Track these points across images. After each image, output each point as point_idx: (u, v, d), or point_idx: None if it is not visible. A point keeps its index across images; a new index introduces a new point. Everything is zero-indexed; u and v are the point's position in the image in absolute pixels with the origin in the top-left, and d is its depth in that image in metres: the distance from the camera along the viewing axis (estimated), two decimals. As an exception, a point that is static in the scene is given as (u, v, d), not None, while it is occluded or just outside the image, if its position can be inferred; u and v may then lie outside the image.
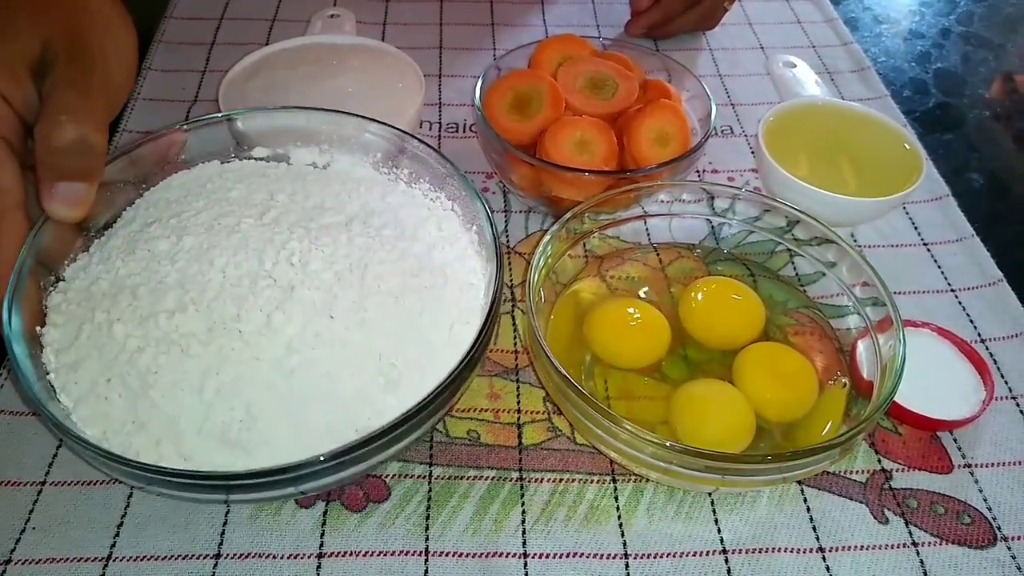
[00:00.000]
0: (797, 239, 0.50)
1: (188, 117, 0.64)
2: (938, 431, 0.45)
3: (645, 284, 0.51)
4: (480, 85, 0.56)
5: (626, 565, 0.40)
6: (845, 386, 0.44)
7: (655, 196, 0.51)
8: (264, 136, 0.49)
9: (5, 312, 0.36)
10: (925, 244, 0.57)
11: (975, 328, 0.51)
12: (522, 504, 0.42)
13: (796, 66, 0.70)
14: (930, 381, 0.46)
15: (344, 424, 0.34)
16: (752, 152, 0.64)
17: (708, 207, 0.52)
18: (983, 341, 0.50)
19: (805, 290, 0.50)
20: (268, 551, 0.39)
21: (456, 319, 0.41)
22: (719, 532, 0.41)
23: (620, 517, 0.41)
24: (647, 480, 0.43)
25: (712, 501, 0.42)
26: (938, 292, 0.53)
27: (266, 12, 0.75)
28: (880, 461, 0.44)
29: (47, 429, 0.43)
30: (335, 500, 0.41)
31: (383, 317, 0.39)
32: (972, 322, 0.51)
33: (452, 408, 0.45)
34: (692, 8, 0.72)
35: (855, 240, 0.57)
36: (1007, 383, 0.48)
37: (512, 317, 0.51)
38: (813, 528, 0.41)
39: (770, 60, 0.71)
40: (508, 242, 0.56)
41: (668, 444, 0.36)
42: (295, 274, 0.39)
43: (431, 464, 0.43)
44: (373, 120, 0.48)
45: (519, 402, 0.46)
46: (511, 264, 0.54)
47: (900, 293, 0.52)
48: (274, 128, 0.49)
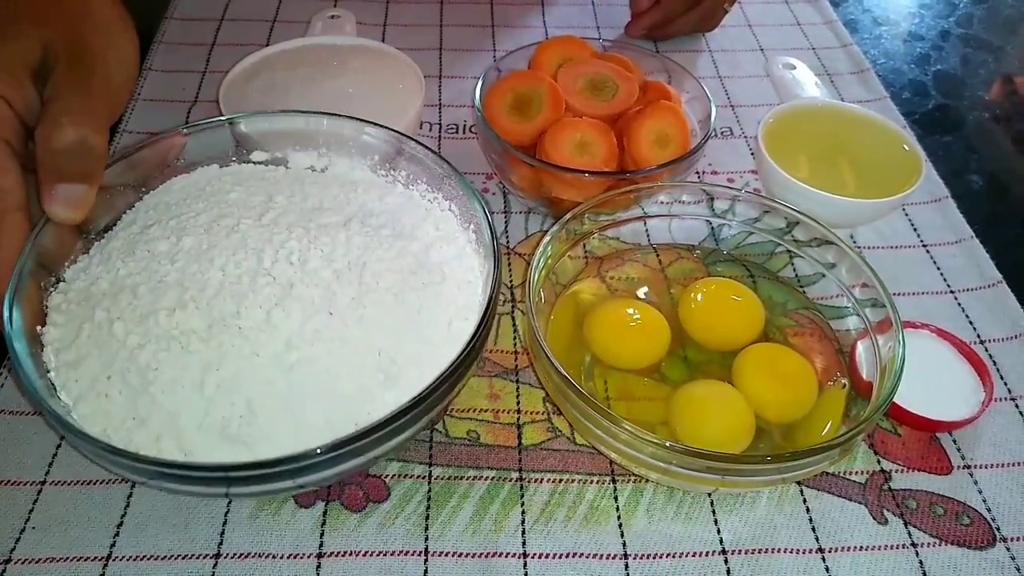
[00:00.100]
0: (797, 240, 0.50)
1: (188, 118, 0.64)
2: (937, 432, 0.45)
3: (645, 285, 0.51)
4: (480, 86, 0.56)
5: (625, 565, 0.40)
6: (845, 387, 0.44)
7: (655, 197, 0.51)
8: (263, 137, 0.49)
9: (6, 311, 0.36)
10: (924, 245, 0.57)
11: (974, 329, 0.51)
12: (522, 504, 0.42)
13: (796, 68, 0.70)
14: (929, 382, 0.46)
15: (343, 419, 0.34)
16: (752, 153, 0.64)
17: (708, 208, 0.52)
18: (982, 342, 0.50)
19: (805, 291, 0.50)
20: (268, 551, 0.39)
21: (454, 315, 0.41)
22: (719, 532, 0.41)
23: (620, 517, 0.41)
24: (647, 481, 0.43)
25: (712, 502, 0.42)
26: (937, 293, 0.53)
27: (266, 13, 0.75)
28: (879, 462, 0.44)
29: (48, 426, 0.43)
30: (335, 500, 0.41)
31: (381, 314, 0.39)
32: (971, 323, 0.51)
33: (451, 404, 0.45)
34: (692, 9, 0.72)
35: (855, 241, 0.57)
36: (1006, 384, 0.48)
37: (512, 318, 0.51)
38: (812, 529, 0.41)
39: (770, 62, 0.71)
40: (508, 243, 0.56)
41: (668, 444, 0.36)
42: (294, 272, 0.40)
43: (431, 464, 0.43)
44: (371, 123, 0.48)
45: (519, 402, 0.46)
46: (511, 265, 0.54)
47: (899, 294, 0.53)
48: (273, 131, 0.49)
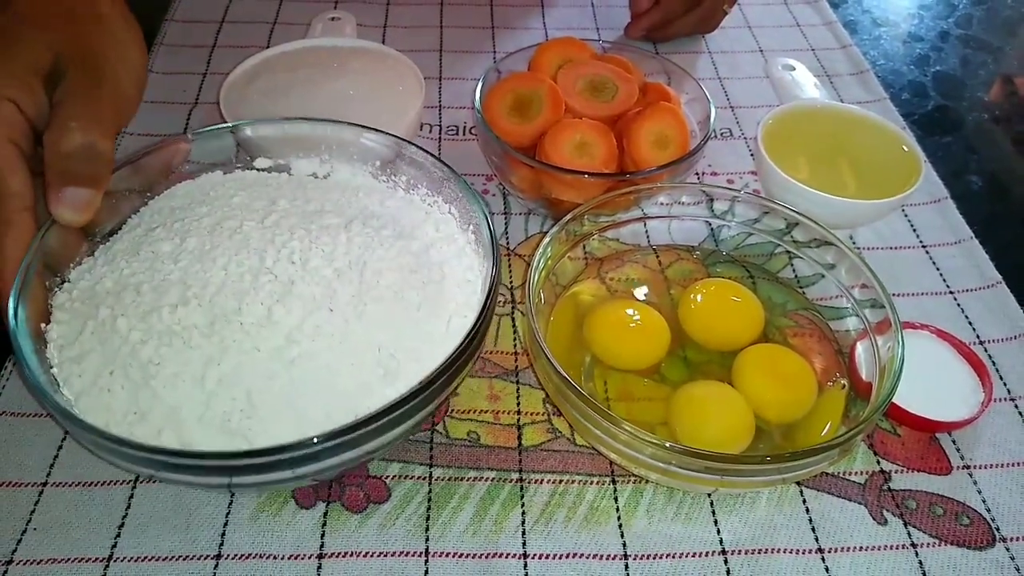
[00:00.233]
0: (796, 241, 0.50)
1: (189, 119, 0.64)
2: (937, 432, 0.46)
3: (645, 286, 0.51)
4: (480, 88, 0.56)
5: (625, 566, 0.40)
6: (844, 387, 0.44)
7: (655, 198, 0.51)
8: (266, 142, 0.49)
9: (11, 308, 0.37)
10: (924, 246, 0.57)
11: (974, 330, 0.51)
12: (522, 505, 0.42)
13: (795, 69, 0.70)
14: (929, 383, 0.46)
15: (344, 414, 0.34)
16: (751, 154, 0.64)
17: (707, 209, 0.52)
18: (982, 343, 0.50)
19: (804, 292, 0.50)
20: (269, 551, 0.39)
21: (454, 313, 0.41)
22: (718, 533, 0.41)
23: (620, 518, 0.41)
24: (647, 481, 0.43)
25: (711, 502, 0.42)
26: (937, 294, 0.53)
27: (267, 15, 0.75)
28: (879, 462, 0.44)
29: (52, 417, 0.43)
30: (335, 501, 0.41)
31: (381, 311, 0.40)
32: (971, 324, 0.51)
33: (451, 405, 0.46)
34: (691, 11, 0.72)
35: (854, 242, 0.57)
36: (1006, 385, 0.48)
37: (512, 319, 0.51)
38: (812, 529, 0.41)
39: (769, 63, 0.71)
40: (508, 244, 0.56)
41: (667, 445, 0.36)
42: (295, 270, 0.40)
43: (431, 465, 0.43)
44: (371, 128, 0.48)
45: (519, 403, 0.46)
46: (511, 266, 0.54)
47: (899, 295, 0.53)
48: (275, 136, 0.49)
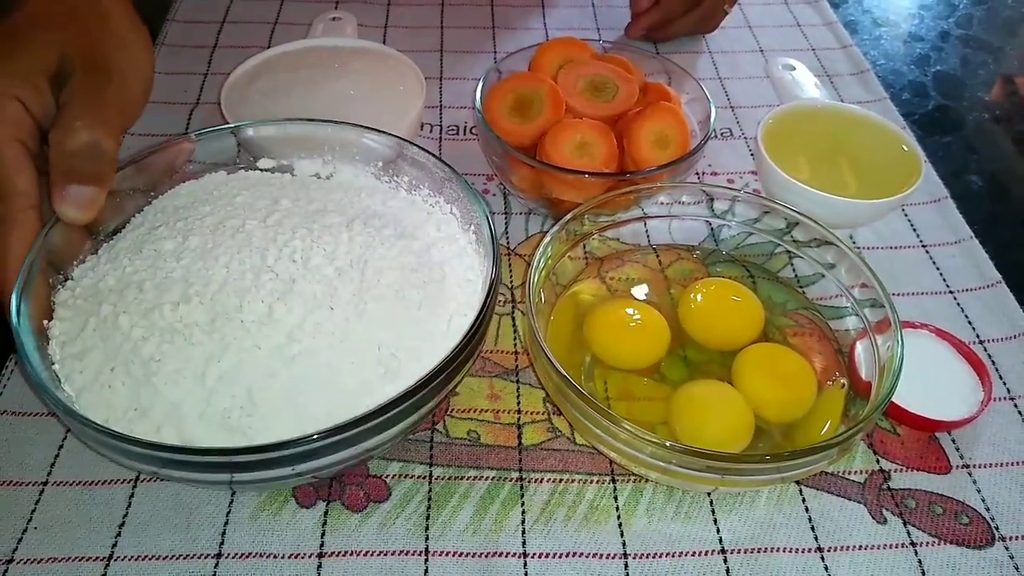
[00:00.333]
0: (796, 241, 0.50)
1: (190, 120, 0.64)
2: (936, 432, 0.46)
3: (645, 285, 0.51)
4: (481, 88, 0.56)
5: (625, 565, 0.40)
6: (844, 387, 0.44)
7: (655, 198, 0.51)
8: (268, 143, 0.49)
9: (14, 305, 0.37)
10: (924, 246, 0.57)
11: (973, 329, 0.51)
12: (522, 504, 0.42)
13: (795, 69, 0.70)
14: (928, 382, 0.46)
15: (344, 412, 0.34)
16: (751, 154, 0.64)
17: (708, 209, 0.52)
18: (981, 342, 0.50)
19: (804, 291, 0.50)
20: (269, 551, 0.39)
21: (454, 312, 0.42)
22: (718, 532, 0.41)
23: (619, 517, 0.41)
24: (646, 480, 0.43)
25: (711, 501, 0.42)
26: (937, 294, 0.53)
27: (268, 15, 0.76)
28: (879, 461, 0.44)
29: (53, 414, 0.43)
30: (336, 500, 0.41)
31: (382, 309, 0.40)
32: (970, 323, 0.51)
33: (451, 404, 0.46)
34: (692, 10, 0.72)
35: (854, 242, 0.57)
36: (1005, 384, 0.48)
37: (512, 318, 0.51)
38: (812, 528, 0.41)
39: (769, 63, 0.72)
40: (508, 244, 0.56)
41: (668, 444, 0.36)
42: (296, 269, 0.40)
43: (431, 464, 0.43)
44: (373, 129, 0.48)
45: (519, 403, 0.46)
46: (511, 266, 0.54)
47: (899, 295, 0.53)
48: (277, 136, 0.49)
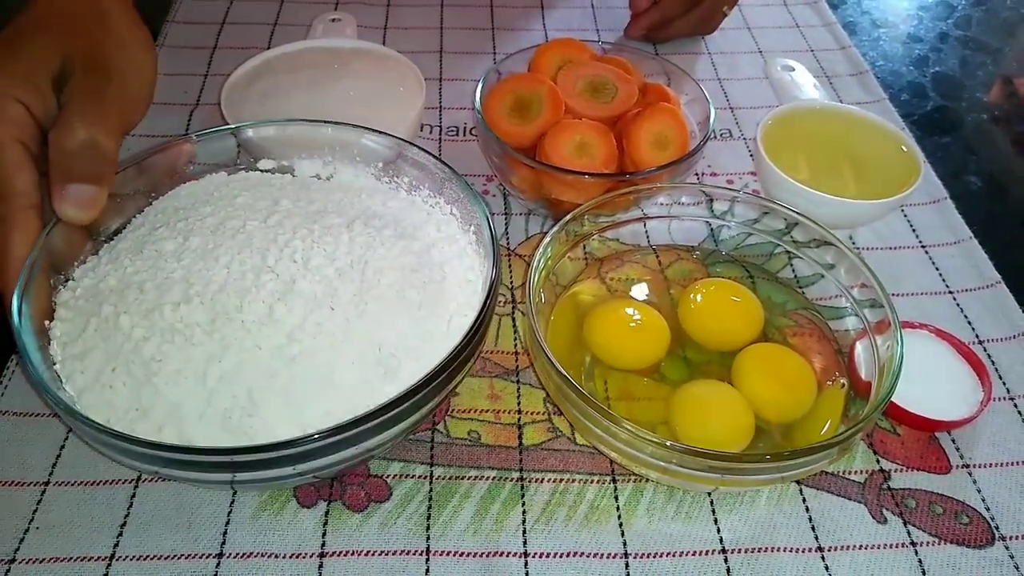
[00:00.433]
0: (796, 241, 0.50)
1: (190, 121, 0.64)
2: (936, 432, 0.46)
3: (645, 286, 0.51)
4: (480, 89, 0.56)
5: (626, 564, 0.40)
6: (843, 387, 0.45)
7: (654, 198, 0.51)
8: (267, 143, 0.49)
9: (16, 306, 0.37)
10: (923, 246, 0.57)
11: (973, 330, 0.51)
12: (523, 504, 0.42)
13: (794, 70, 0.70)
14: (928, 382, 0.46)
15: (344, 412, 0.34)
16: (751, 155, 0.64)
17: (707, 209, 0.52)
18: (981, 342, 0.50)
19: (804, 292, 0.50)
20: (270, 550, 0.39)
21: (455, 312, 0.42)
22: (718, 532, 0.41)
23: (620, 517, 0.42)
24: (647, 480, 0.43)
25: (711, 501, 0.42)
26: (936, 294, 0.53)
27: (268, 16, 0.76)
28: (879, 461, 0.44)
29: (55, 414, 0.43)
30: (337, 500, 0.41)
31: (383, 309, 0.40)
32: (970, 323, 0.52)
33: (451, 404, 0.46)
34: (691, 11, 0.72)
35: (853, 242, 0.57)
36: (1005, 384, 0.48)
37: (512, 319, 0.51)
38: (812, 528, 0.41)
39: (768, 64, 0.72)
40: (508, 244, 0.56)
41: (668, 444, 0.36)
42: (297, 269, 0.40)
43: (432, 464, 0.43)
44: (373, 130, 0.48)
45: (519, 403, 0.46)
46: (511, 266, 0.54)
47: (898, 295, 0.53)
48: (277, 137, 0.49)
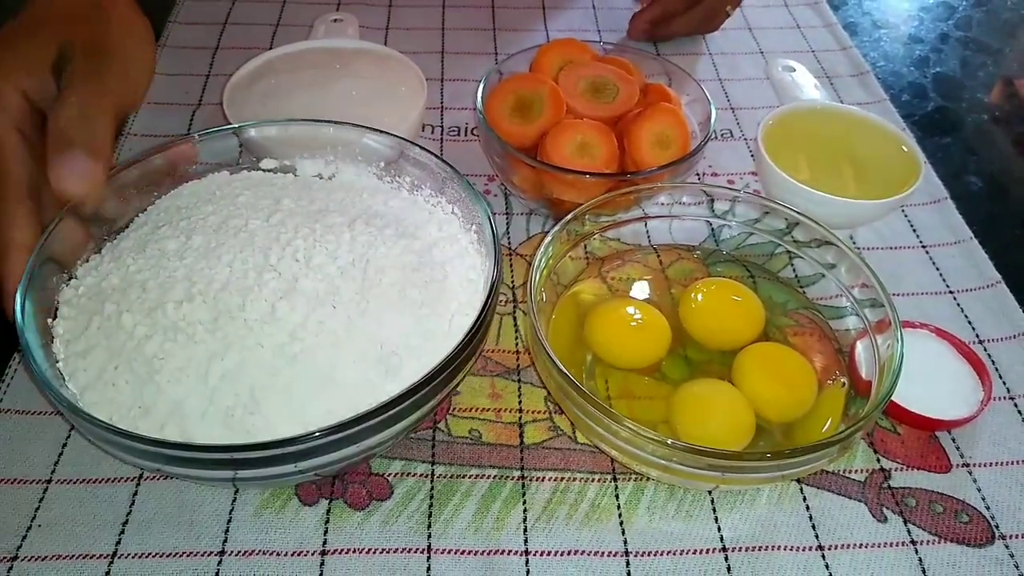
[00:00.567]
0: (797, 241, 0.50)
1: (192, 121, 0.64)
2: (937, 431, 0.46)
3: (646, 285, 0.51)
4: (482, 89, 0.56)
5: (627, 563, 0.40)
6: (844, 386, 0.45)
7: (655, 198, 0.52)
8: (269, 143, 0.50)
9: (19, 303, 0.37)
10: (924, 246, 0.57)
11: (973, 329, 0.51)
12: (524, 502, 0.42)
13: (795, 70, 0.70)
14: (929, 381, 0.46)
15: (346, 410, 0.35)
16: (752, 155, 0.64)
17: (708, 209, 0.52)
18: (981, 342, 0.50)
19: (804, 291, 0.50)
20: (272, 548, 0.40)
21: (456, 311, 0.42)
22: (719, 530, 0.41)
23: (621, 515, 0.42)
24: (648, 479, 0.43)
25: (712, 500, 0.42)
26: (936, 294, 0.54)
27: (270, 17, 0.76)
28: (879, 460, 0.45)
29: (57, 411, 0.43)
30: (338, 498, 0.42)
31: (384, 308, 0.40)
32: (970, 323, 0.52)
33: (453, 402, 0.46)
34: (693, 8, 0.72)
35: (854, 242, 0.57)
36: (1005, 384, 0.48)
37: (513, 318, 0.51)
38: (812, 526, 0.42)
39: (769, 64, 0.72)
40: (510, 244, 0.56)
41: (669, 441, 0.36)
42: (299, 268, 0.40)
43: (433, 463, 0.43)
44: (375, 130, 0.49)
45: (520, 402, 0.46)
46: (512, 266, 0.54)
47: (899, 295, 0.53)
48: (279, 136, 0.49)
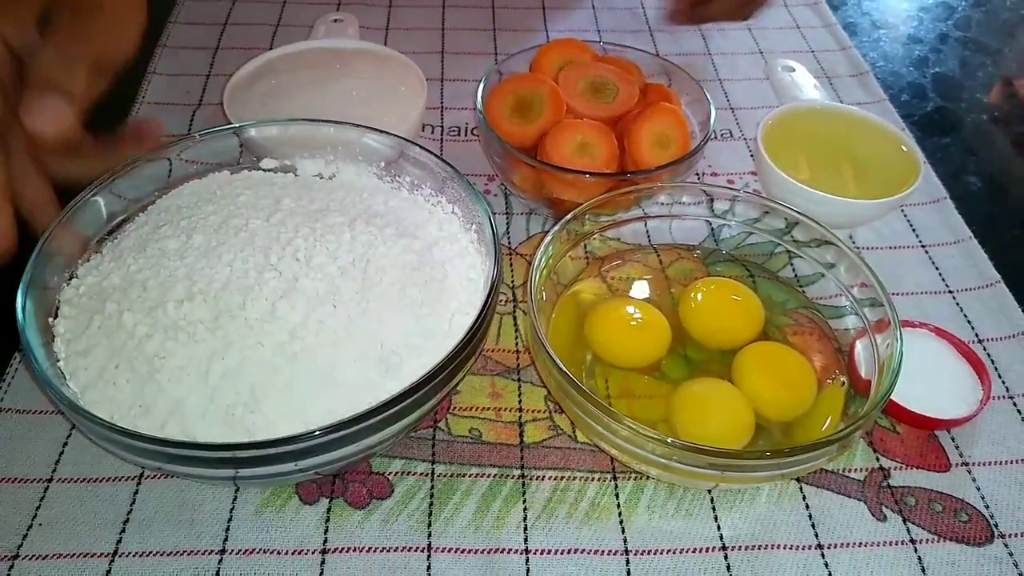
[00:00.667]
0: (796, 241, 0.50)
1: (193, 121, 0.64)
2: (936, 430, 0.46)
3: (645, 284, 0.51)
4: (482, 89, 0.56)
5: (626, 561, 0.40)
6: (843, 385, 0.45)
7: (655, 198, 0.52)
8: (269, 142, 0.50)
9: (20, 303, 0.37)
10: (923, 246, 0.57)
11: (972, 329, 0.51)
12: (524, 501, 0.42)
13: (795, 70, 0.70)
14: (928, 381, 0.46)
15: (346, 409, 0.35)
16: (751, 155, 0.64)
17: (708, 209, 0.52)
18: (980, 341, 0.51)
19: (804, 291, 0.50)
20: (272, 547, 0.40)
21: (456, 310, 0.42)
22: (719, 529, 0.41)
23: (621, 514, 0.42)
24: (647, 478, 0.43)
25: (712, 499, 0.43)
26: (936, 293, 0.54)
27: (270, 17, 0.76)
28: (879, 459, 0.45)
29: (58, 410, 0.43)
30: (339, 497, 0.42)
31: (384, 307, 0.40)
32: (970, 323, 0.52)
33: (453, 402, 0.46)
34: None
35: (854, 242, 0.57)
36: (1004, 383, 0.48)
37: (514, 317, 0.51)
38: (812, 525, 0.42)
39: (769, 64, 0.72)
40: (510, 244, 0.56)
41: (669, 440, 0.36)
42: (299, 267, 0.41)
43: (433, 462, 0.43)
44: (375, 129, 0.49)
45: (520, 401, 0.47)
46: (513, 265, 0.55)
47: (898, 294, 0.53)
48: (279, 136, 0.50)
